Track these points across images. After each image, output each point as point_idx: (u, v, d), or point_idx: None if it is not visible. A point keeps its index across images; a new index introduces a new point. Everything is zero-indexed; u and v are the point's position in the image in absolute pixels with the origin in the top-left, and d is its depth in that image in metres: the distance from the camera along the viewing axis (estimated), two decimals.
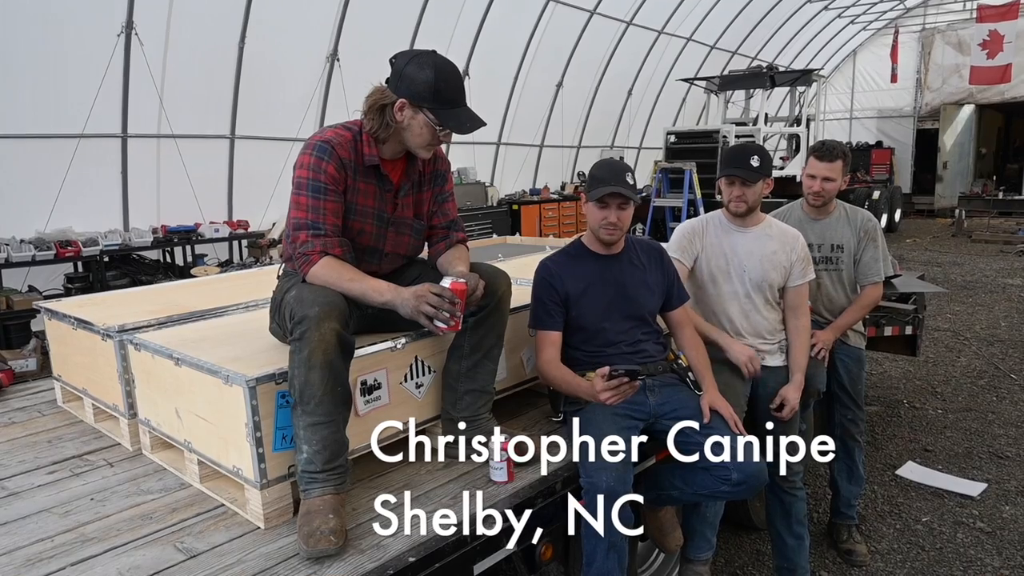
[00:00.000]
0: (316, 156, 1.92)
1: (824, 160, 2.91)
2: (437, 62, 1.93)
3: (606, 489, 1.95)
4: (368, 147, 1.99)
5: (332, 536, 1.68)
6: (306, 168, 1.93)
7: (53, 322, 2.74)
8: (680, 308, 2.45)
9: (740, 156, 2.57)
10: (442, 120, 1.92)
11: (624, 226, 2.29)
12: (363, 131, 2.00)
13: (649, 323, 2.39)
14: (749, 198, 2.57)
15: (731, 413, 2.22)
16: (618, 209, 2.24)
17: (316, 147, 1.93)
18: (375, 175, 2.04)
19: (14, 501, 2.03)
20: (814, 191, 2.94)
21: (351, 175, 1.98)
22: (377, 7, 8.81)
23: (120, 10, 6.70)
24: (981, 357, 6.03)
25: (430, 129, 1.94)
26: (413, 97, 1.91)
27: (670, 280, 2.44)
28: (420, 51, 1.97)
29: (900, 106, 19.39)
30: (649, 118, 15.16)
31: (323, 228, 1.92)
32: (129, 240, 6.95)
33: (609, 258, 2.37)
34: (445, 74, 1.92)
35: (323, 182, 1.92)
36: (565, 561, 2.20)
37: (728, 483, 2.09)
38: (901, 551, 3.16)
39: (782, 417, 2.56)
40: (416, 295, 1.86)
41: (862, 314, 3.02)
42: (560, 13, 11.41)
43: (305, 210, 1.92)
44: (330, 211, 1.93)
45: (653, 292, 2.39)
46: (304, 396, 1.77)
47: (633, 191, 2.24)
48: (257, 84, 8.02)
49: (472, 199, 10.65)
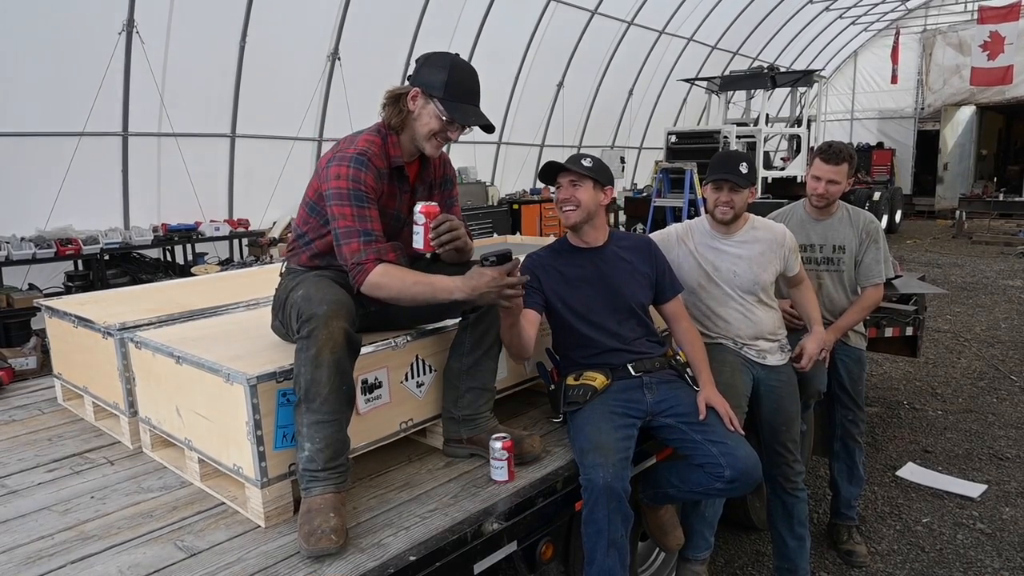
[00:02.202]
0: (354, 168, 1.93)
1: (830, 163, 2.90)
2: (455, 61, 2.01)
3: (603, 485, 1.95)
4: (393, 148, 2.04)
5: (333, 535, 1.68)
6: (345, 179, 1.93)
7: (54, 320, 2.74)
8: (674, 300, 2.45)
9: (729, 162, 2.58)
10: (449, 111, 1.95)
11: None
12: (388, 132, 2.03)
13: (640, 317, 2.37)
14: (736, 204, 2.57)
15: (727, 410, 2.22)
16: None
17: (353, 160, 1.94)
18: (397, 176, 2.07)
19: (14, 499, 2.03)
20: (818, 193, 2.93)
21: (384, 182, 2.02)
22: (378, 6, 8.81)
23: (121, 8, 6.70)
24: (981, 358, 6.03)
25: (438, 120, 1.97)
26: (426, 87, 1.97)
27: (660, 271, 2.43)
28: (444, 52, 2.04)
29: (901, 107, 19.40)
30: (650, 118, 15.17)
31: (374, 235, 1.93)
32: (129, 238, 6.95)
33: (592, 251, 2.38)
34: (460, 72, 1.99)
35: (364, 191, 1.94)
36: (565, 560, 2.20)
37: (722, 480, 2.09)
38: (901, 552, 3.16)
39: (801, 367, 2.66)
40: (488, 285, 1.83)
41: (863, 315, 3.02)
42: (561, 13, 11.42)
43: (352, 219, 1.92)
44: (375, 219, 1.95)
45: (641, 284, 2.38)
46: (309, 394, 1.77)
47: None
48: (258, 83, 8.03)
49: (473, 198, 10.65)
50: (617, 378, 2.28)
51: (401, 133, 2.04)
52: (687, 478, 2.21)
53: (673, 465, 2.30)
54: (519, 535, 1.93)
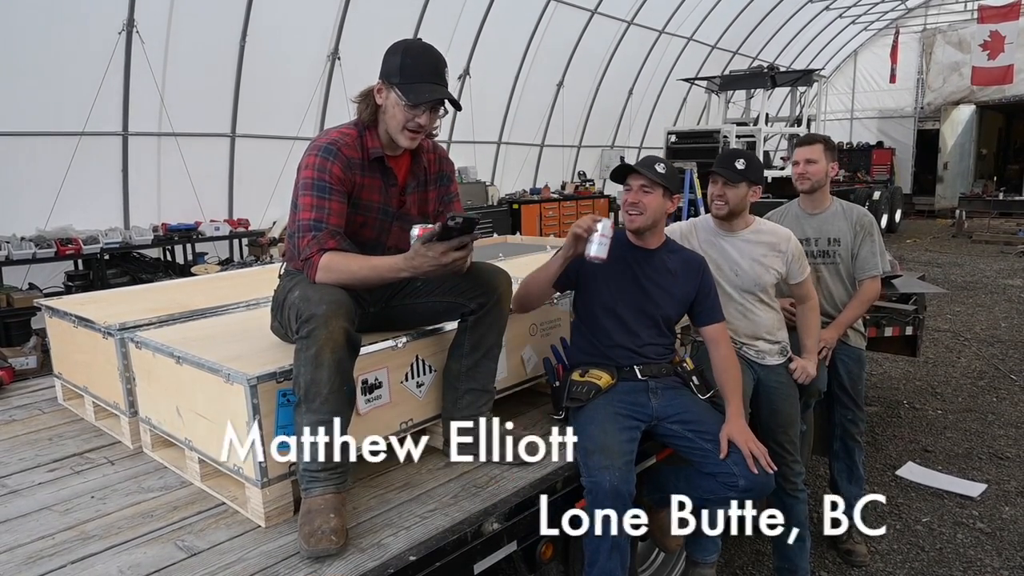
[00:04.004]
0: (321, 157, 1.92)
1: (804, 144, 3.04)
2: (408, 43, 1.97)
3: (610, 489, 1.94)
4: (371, 140, 2.01)
5: (333, 536, 1.68)
6: (311, 168, 1.92)
7: (54, 320, 2.74)
8: (714, 326, 2.38)
9: (726, 158, 2.61)
10: (404, 93, 1.90)
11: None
12: (364, 126, 2.01)
13: (661, 328, 2.35)
14: (730, 199, 2.57)
15: (751, 448, 2.10)
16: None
17: (322, 149, 1.93)
18: (380, 169, 2.04)
19: (15, 499, 2.03)
20: (798, 173, 3.02)
21: (358, 173, 1.99)
22: (378, 6, 8.80)
23: (121, 8, 6.69)
24: (981, 358, 6.03)
25: (401, 109, 1.92)
26: (386, 76, 1.94)
27: (703, 293, 2.38)
28: (402, 39, 2.00)
29: (901, 106, 19.39)
30: (650, 118, 15.15)
31: (324, 226, 1.90)
32: (130, 238, 6.94)
33: (642, 252, 2.36)
34: (412, 52, 1.94)
35: (327, 182, 1.92)
36: (565, 561, 2.20)
37: (735, 489, 2.08)
38: (901, 551, 3.16)
39: (795, 378, 2.66)
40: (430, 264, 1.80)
41: (862, 310, 3.03)
42: (561, 13, 11.40)
43: (310, 210, 1.91)
44: (334, 211, 1.92)
45: (675, 300, 2.35)
46: (309, 394, 1.77)
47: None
48: (258, 82, 8.01)
49: (473, 198, 10.64)
50: (623, 379, 2.27)
51: (376, 128, 2.02)
52: (696, 485, 2.18)
53: (680, 470, 2.26)
54: (519, 535, 1.93)
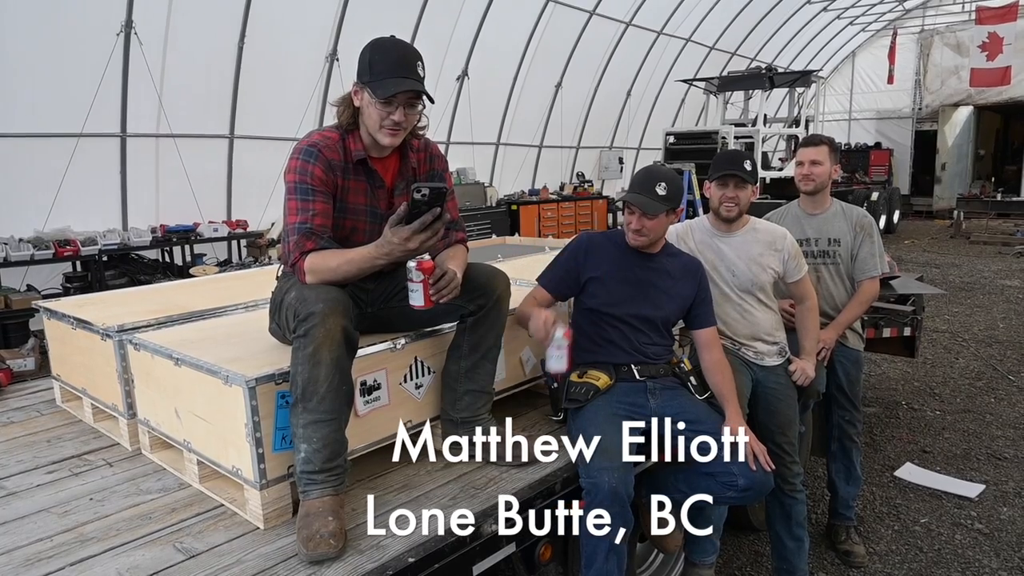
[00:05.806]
0: (303, 160, 1.93)
1: (809, 145, 3.03)
2: (376, 41, 1.96)
3: (609, 490, 1.95)
4: (354, 143, 2.00)
5: (332, 539, 1.68)
6: (294, 172, 1.93)
7: (52, 321, 2.74)
8: (705, 330, 2.42)
9: (734, 159, 2.59)
10: (373, 90, 1.90)
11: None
12: (346, 130, 2.01)
13: (659, 329, 2.37)
14: (741, 201, 2.58)
15: (752, 448, 2.15)
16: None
17: (303, 152, 1.94)
18: (364, 171, 2.03)
19: (13, 501, 2.03)
20: (803, 174, 3.02)
21: (340, 175, 1.99)
22: (377, 7, 8.81)
23: (119, 9, 6.69)
24: (979, 358, 6.04)
25: (375, 108, 1.92)
26: (359, 76, 1.95)
27: (699, 298, 2.42)
28: (375, 38, 1.98)
29: (899, 107, 19.42)
30: (648, 119, 15.17)
31: (305, 227, 1.90)
32: (128, 239, 6.94)
33: (644, 257, 2.38)
34: (380, 49, 1.93)
35: (309, 184, 1.92)
36: (564, 562, 2.20)
37: (734, 489, 2.09)
38: (899, 552, 3.17)
39: (795, 380, 2.66)
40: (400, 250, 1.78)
41: (861, 310, 3.03)
42: (559, 14, 11.41)
43: (294, 213, 1.92)
44: (318, 212, 1.93)
45: (675, 303, 2.38)
46: (307, 393, 1.76)
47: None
48: (256, 84, 8.02)
49: (471, 199, 10.65)
50: (621, 379, 2.28)
51: (359, 130, 2.02)
52: (696, 485, 2.19)
53: (679, 471, 2.27)
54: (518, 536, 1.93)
